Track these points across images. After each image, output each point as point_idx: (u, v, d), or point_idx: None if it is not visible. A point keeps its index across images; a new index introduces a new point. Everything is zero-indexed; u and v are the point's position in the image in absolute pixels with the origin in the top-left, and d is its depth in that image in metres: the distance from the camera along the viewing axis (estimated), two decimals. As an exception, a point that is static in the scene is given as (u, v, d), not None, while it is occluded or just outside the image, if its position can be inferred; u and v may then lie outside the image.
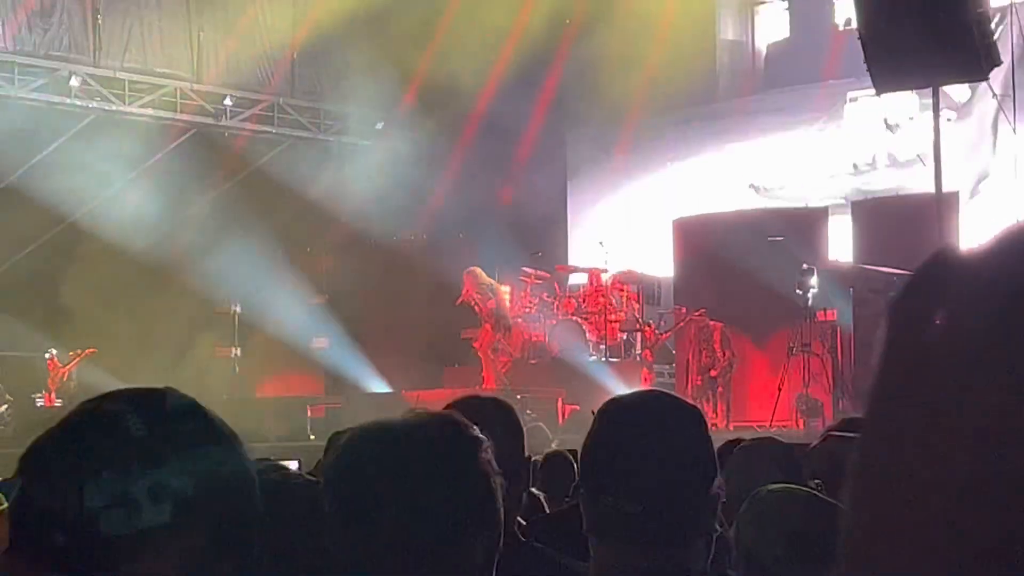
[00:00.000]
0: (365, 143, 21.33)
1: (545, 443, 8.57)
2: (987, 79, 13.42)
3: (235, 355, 17.95)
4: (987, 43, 12.16)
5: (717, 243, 15.84)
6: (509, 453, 2.32)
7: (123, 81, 18.85)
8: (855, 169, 20.54)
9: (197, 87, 19.53)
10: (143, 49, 19.14)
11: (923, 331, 0.64)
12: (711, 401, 15.28)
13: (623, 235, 20.48)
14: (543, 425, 10.51)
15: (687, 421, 2.30)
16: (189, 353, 18.01)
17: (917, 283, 0.66)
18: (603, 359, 16.53)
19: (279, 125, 20.58)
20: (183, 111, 19.44)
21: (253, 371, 18.44)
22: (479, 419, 2.05)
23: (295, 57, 20.39)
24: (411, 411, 2.06)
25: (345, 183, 19.61)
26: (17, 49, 18.11)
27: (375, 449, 1.91)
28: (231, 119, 19.98)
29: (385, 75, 19.68)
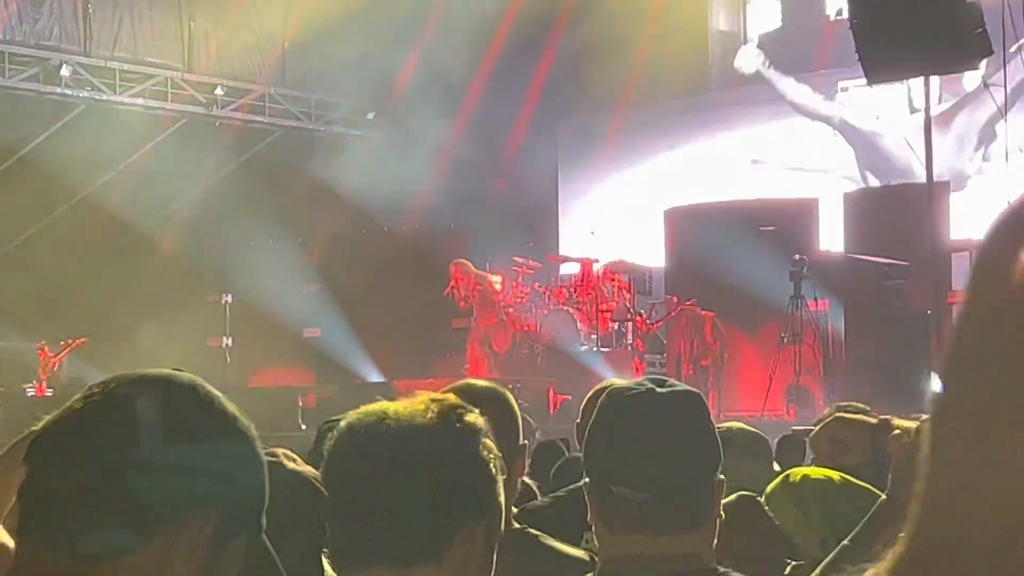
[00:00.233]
0: (356, 133, 21.31)
1: (530, 434, 8.52)
2: (978, 68, 13.44)
3: (226, 345, 17.90)
4: (978, 33, 12.17)
5: (708, 233, 15.84)
6: (505, 440, 2.31)
7: (114, 71, 18.79)
8: (844, 159, 20.56)
9: (188, 77, 19.48)
10: (134, 39, 19.10)
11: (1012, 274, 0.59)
12: (702, 391, 15.23)
13: (614, 225, 20.48)
14: (528, 417, 10.47)
15: (690, 406, 2.29)
16: (180, 343, 17.96)
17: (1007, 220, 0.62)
18: (594, 349, 16.52)
19: (270, 115, 20.55)
20: (174, 101, 19.39)
21: (244, 361, 18.39)
22: (475, 406, 2.05)
23: (286, 47, 20.34)
24: (410, 395, 2.04)
25: (336, 173, 19.57)
26: (7, 39, 18.07)
27: (373, 435, 1.87)
28: (222, 109, 19.95)
29: (376, 65, 19.65)
